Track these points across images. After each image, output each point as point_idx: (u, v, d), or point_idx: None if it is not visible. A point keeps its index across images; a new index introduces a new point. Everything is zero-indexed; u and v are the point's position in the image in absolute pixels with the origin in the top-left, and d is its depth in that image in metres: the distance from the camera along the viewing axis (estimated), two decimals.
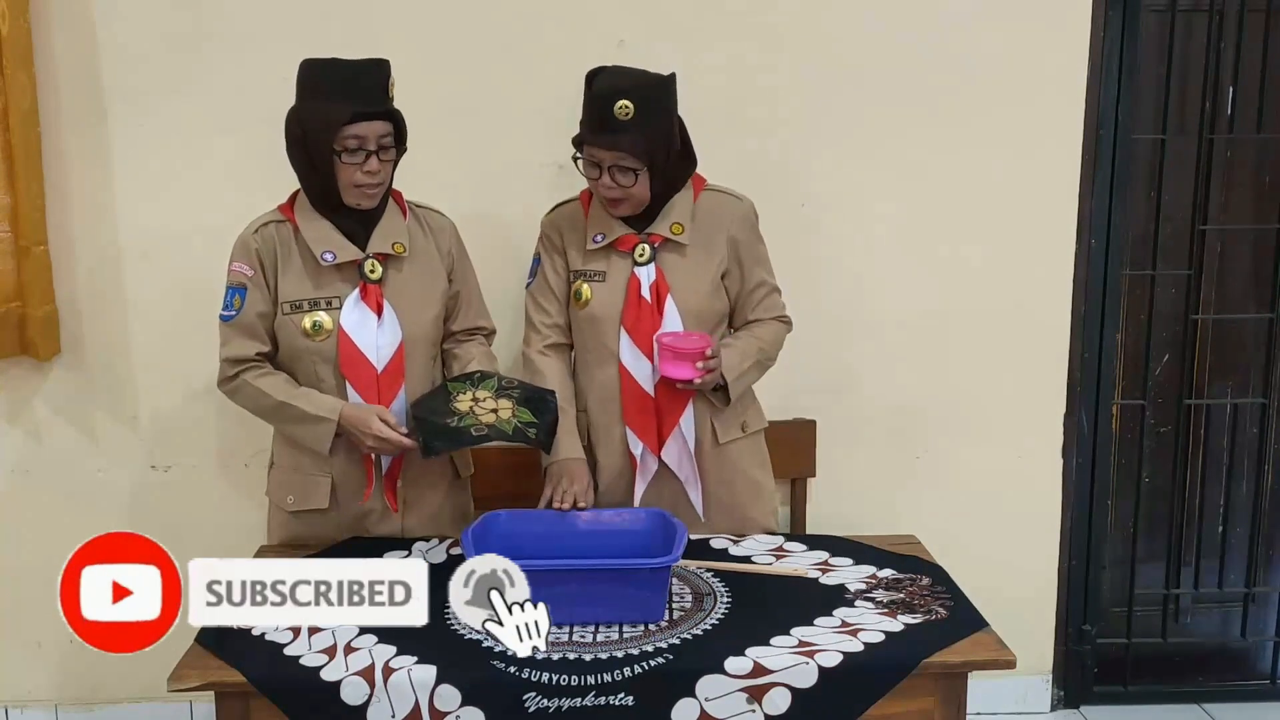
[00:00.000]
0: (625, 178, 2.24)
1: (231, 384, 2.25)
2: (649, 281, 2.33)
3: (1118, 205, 2.91)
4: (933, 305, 2.91)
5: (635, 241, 2.33)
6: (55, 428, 2.88)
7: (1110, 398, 3.01)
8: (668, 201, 2.33)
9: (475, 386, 2.22)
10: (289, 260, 2.24)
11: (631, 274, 2.33)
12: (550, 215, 2.46)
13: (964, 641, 1.89)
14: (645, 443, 2.36)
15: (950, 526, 2.72)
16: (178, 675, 1.81)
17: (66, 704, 3.03)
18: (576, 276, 2.38)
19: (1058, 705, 3.14)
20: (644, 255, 2.33)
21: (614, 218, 2.34)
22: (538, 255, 2.44)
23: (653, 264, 2.33)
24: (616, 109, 2.18)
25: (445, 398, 2.20)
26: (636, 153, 2.21)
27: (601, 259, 2.36)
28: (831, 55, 2.79)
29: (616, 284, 2.34)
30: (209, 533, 2.89)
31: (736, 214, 2.39)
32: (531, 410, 2.18)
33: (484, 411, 2.16)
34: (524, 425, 2.16)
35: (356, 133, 2.12)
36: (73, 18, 2.69)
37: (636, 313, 2.32)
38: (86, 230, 2.78)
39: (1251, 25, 2.89)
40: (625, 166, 2.22)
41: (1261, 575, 3.15)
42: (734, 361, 2.32)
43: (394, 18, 2.71)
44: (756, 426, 2.49)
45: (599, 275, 2.36)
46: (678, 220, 2.34)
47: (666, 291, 2.33)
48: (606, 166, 2.23)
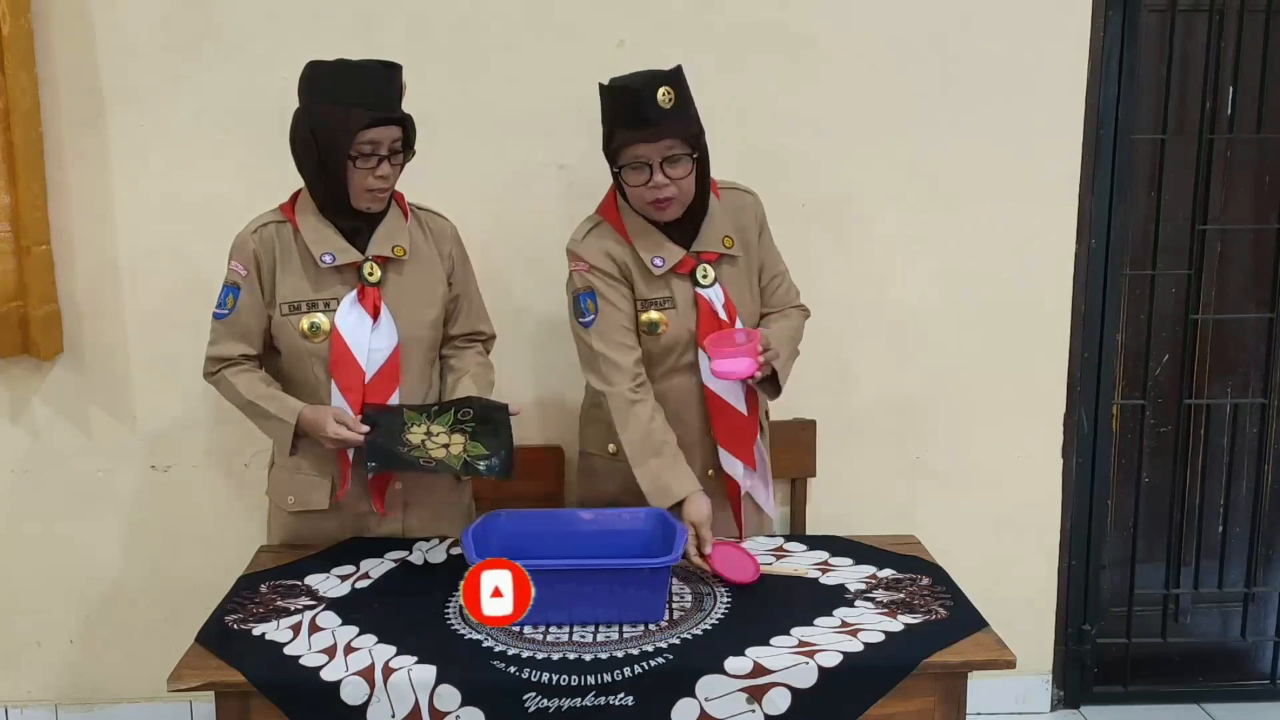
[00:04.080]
0: (678, 169, 2.16)
1: (213, 378, 2.29)
2: (720, 303, 2.28)
3: (1118, 205, 2.91)
4: (933, 305, 2.92)
5: (693, 264, 2.28)
6: (55, 427, 2.89)
7: (1110, 397, 3.01)
8: (701, 211, 2.28)
9: (432, 420, 2.18)
10: (288, 261, 2.24)
11: (697, 296, 2.28)
12: (584, 241, 2.30)
13: (964, 641, 1.89)
14: (735, 452, 2.33)
15: (950, 526, 2.72)
16: (178, 675, 1.82)
17: (66, 704, 3.03)
18: (645, 305, 2.28)
19: (1058, 705, 3.14)
20: (708, 277, 2.27)
21: (660, 234, 2.26)
22: (590, 290, 2.27)
23: (717, 284, 2.28)
24: (660, 96, 2.11)
25: (400, 425, 2.18)
26: (687, 136, 2.16)
27: (663, 284, 2.27)
28: (831, 55, 2.79)
29: (685, 308, 2.28)
30: (209, 533, 2.91)
31: (756, 209, 2.37)
32: (485, 441, 2.17)
33: (435, 447, 2.15)
34: (473, 459, 2.16)
35: (372, 138, 2.12)
36: (73, 18, 2.69)
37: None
38: (87, 230, 2.78)
39: (1251, 25, 2.89)
40: (677, 155, 2.16)
41: (1261, 575, 3.15)
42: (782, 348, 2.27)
43: (394, 18, 2.71)
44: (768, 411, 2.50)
45: (668, 302, 2.28)
46: (727, 233, 2.30)
47: (735, 311, 2.29)
48: (657, 163, 2.15)
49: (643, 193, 2.19)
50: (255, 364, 2.28)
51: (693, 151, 2.17)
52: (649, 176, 2.16)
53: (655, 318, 2.28)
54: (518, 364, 2.83)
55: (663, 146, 2.14)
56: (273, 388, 2.25)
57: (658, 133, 2.13)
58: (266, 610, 2.01)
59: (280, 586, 2.12)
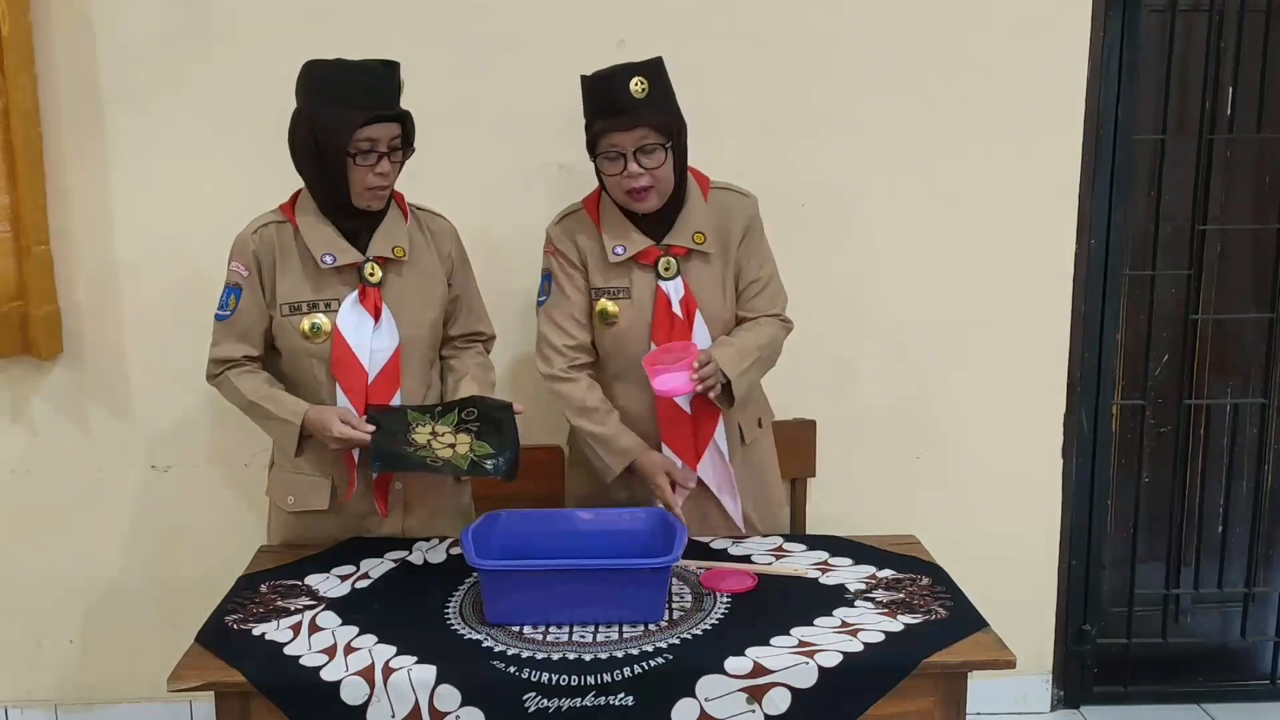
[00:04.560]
0: (652, 159, 2.18)
1: (216, 380, 2.28)
2: (678, 297, 2.28)
3: (1118, 205, 2.91)
4: (933, 305, 2.92)
5: (657, 254, 2.29)
6: (55, 427, 2.89)
7: (1110, 397, 3.01)
8: (679, 205, 2.29)
9: (436, 420, 2.17)
10: (288, 262, 2.24)
11: (657, 289, 2.28)
12: (558, 225, 2.37)
13: (964, 641, 1.89)
14: (684, 459, 2.33)
15: (950, 526, 2.72)
16: (178, 675, 1.81)
17: (66, 704, 3.03)
18: (599, 294, 2.32)
19: (1058, 705, 3.14)
20: (670, 270, 2.28)
21: (632, 228, 2.28)
22: (549, 271, 2.36)
23: (679, 278, 2.29)
24: (633, 86, 2.15)
25: (404, 425, 2.16)
26: (660, 127, 2.17)
27: (623, 274, 2.30)
28: (832, 55, 2.79)
29: (642, 300, 2.29)
30: (209, 533, 2.91)
31: (746, 211, 2.36)
32: (491, 440, 2.16)
33: (441, 447, 2.14)
34: (480, 459, 2.15)
35: (370, 135, 2.12)
36: (73, 18, 2.69)
37: (669, 330, 2.27)
38: (87, 230, 2.78)
39: (1251, 25, 2.89)
40: (650, 145, 2.18)
41: (1261, 575, 3.15)
42: (733, 359, 2.25)
43: (394, 19, 2.71)
44: (768, 420, 2.49)
45: (623, 292, 2.30)
46: (699, 229, 2.29)
47: (695, 306, 2.29)
48: (630, 153, 2.18)
49: (619, 182, 2.22)
50: (258, 365, 2.28)
51: (666, 141, 2.19)
52: (624, 166, 2.19)
53: (608, 307, 2.31)
54: (517, 364, 2.83)
55: (636, 136, 2.17)
56: (276, 388, 2.25)
57: (631, 121, 2.16)
58: (266, 610, 2.01)
59: (280, 586, 2.11)
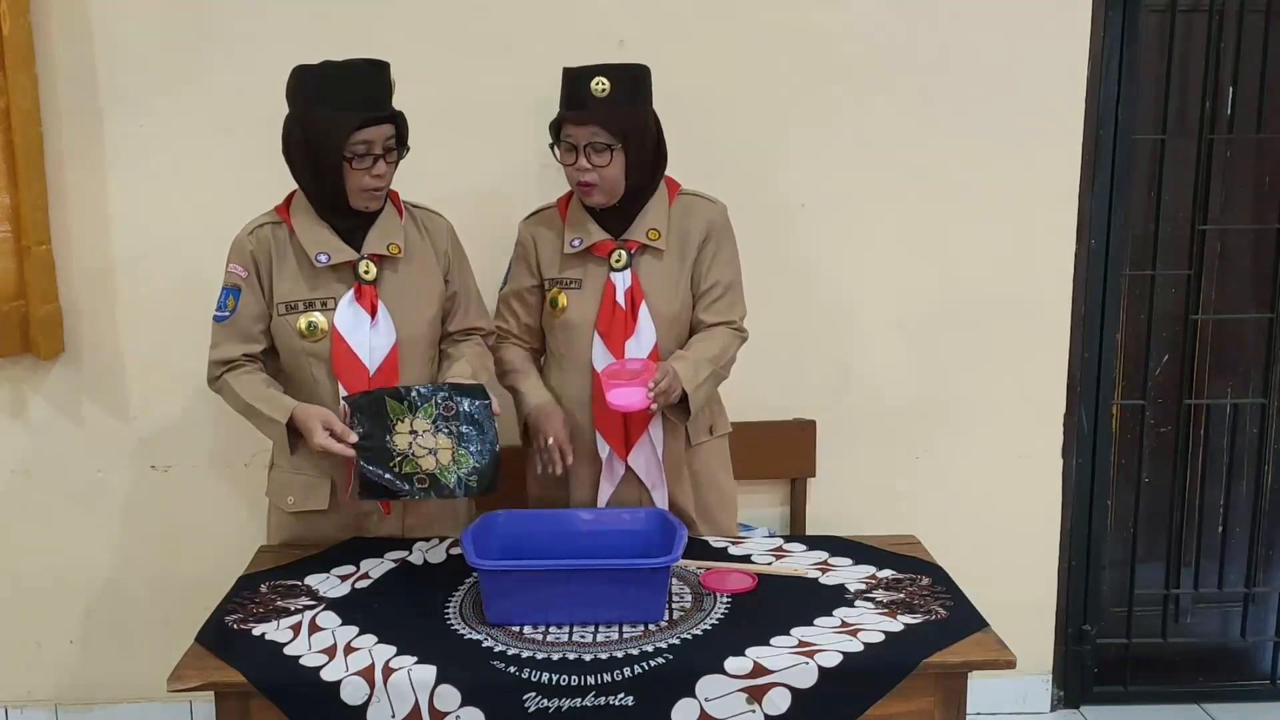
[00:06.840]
0: (600, 157, 2.23)
1: (216, 384, 2.27)
2: (624, 288, 2.31)
3: (1118, 205, 2.91)
4: (933, 305, 2.92)
5: (612, 247, 2.33)
6: (55, 427, 2.88)
7: (1110, 398, 3.01)
8: (642, 205, 2.33)
9: (413, 413, 2.13)
10: (284, 261, 2.24)
11: (607, 280, 2.32)
12: (527, 220, 2.46)
13: (964, 641, 1.89)
14: (612, 446, 2.35)
15: (950, 526, 2.72)
16: (178, 675, 1.81)
17: (66, 704, 3.03)
18: (553, 285, 2.37)
19: (1058, 705, 3.14)
20: (620, 261, 2.32)
21: (591, 222, 2.33)
22: (512, 261, 2.46)
23: (629, 270, 2.32)
24: (593, 85, 2.21)
25: (385, 426, 2.12)
26: (610, 127, 2.22)
27: (578, 265, 2.35)
28: (832, 55, 2.79)
29: (593, 291, 2.34)
30: (208, 533, 2.91)
31: (709, 217, 2.37)
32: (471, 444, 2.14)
33: (423, 453, 2.12)
34: (465, 476, 2.13)
35: (365, 138, 2.13)
36: (73, 18, 2.69)
37: (610, 319, 2.31)
38: (86, 230, 2.78)
39: (1251, 25, 2.89)
40: (600, 144, 2.22)
41: (1261, 575, 3.15)
42: (690, 372, 2.25)
43: (393, 18, 2.71)
44: (723, 430, 2.49)
45: (575, 283, 2.35)
46: (654, 226, 2.33)
47: (641, 298, 2.32)
48: (582, 147, 2.23)
49: (571, 173, 2.29)
50: (258, 365, 2.27)
51: (616, 144, 2.23)
52: (575, 158, 2.25)
53: (560, 297, 2.36)
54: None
55: (588, 131, 2.23)
56: (272, 389, 2.24)
57: (584, 116, 2.22)
58: (266, 610, 2.01)
59: (280, 586, 2.11)
